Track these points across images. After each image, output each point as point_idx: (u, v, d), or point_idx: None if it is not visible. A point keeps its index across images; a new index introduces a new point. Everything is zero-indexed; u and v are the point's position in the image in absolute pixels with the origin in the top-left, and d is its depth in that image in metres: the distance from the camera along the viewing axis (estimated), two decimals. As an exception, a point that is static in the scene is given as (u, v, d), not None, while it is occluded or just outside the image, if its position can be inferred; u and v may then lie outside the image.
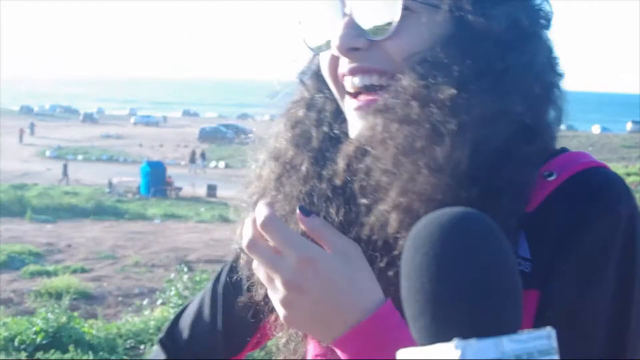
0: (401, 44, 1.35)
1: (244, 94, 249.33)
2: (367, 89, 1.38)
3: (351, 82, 1.38)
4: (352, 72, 1.38)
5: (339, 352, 1.29)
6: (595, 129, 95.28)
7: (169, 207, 35.93)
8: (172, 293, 13.43)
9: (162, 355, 1.80)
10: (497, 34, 1.31)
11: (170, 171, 45.55)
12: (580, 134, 75.38)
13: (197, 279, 13.79)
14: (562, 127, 1.44)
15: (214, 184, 43.86)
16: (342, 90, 1.42)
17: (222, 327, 1.73)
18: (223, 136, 76.32)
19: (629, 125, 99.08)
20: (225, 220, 31.94)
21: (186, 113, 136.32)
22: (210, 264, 20.43)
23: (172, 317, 1.84)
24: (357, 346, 1.27)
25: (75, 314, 12.14)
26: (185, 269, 15.93)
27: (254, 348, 1.76)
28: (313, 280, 1.28)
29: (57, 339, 10.16)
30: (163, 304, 14.21)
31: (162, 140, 74.44)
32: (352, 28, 1.36)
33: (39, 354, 9.91)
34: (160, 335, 1.83)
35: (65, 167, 46.83)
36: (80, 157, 64.00)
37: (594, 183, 1.33)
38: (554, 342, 0.76)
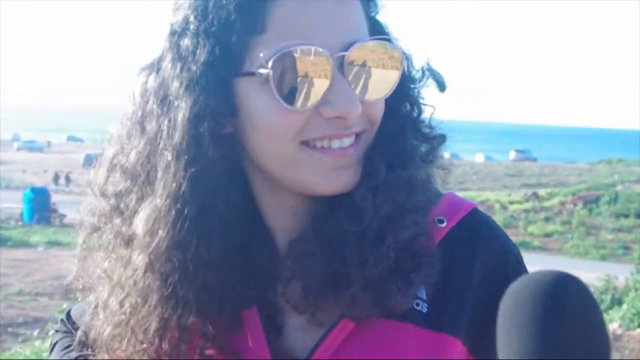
0: (382, 105, 1.38)
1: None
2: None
3: (338, 143, 1.33)
4: (346, 136, 1.34)
5: None
6: (479, 158, 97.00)
7: (53, 235, 35.10)
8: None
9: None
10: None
11: (55, 198, 44.64)
12: (464, 162, 76.66)
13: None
14: (446, 155, 1.53)
15: (100, 210, 42.47)
16: (298, 150, 1.33)
17: None
18: (109, 162, 74.31)
19: (512, 154, 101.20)
20: (111, 247, 31.37)
21: (71, 139, 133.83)
22: (96, 292, 20.03)
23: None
24: None
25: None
26: (80, 298, 15.58)
27: None
28: None
29: (-54, 372, 9.84)
30: (56, 333, 13.82)
31: (46, 166, 72.78)
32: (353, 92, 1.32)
33: None
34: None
35: None
36: (-39, 183, 62.18)
37: (483, 226, 1.46)
38: None
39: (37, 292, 20.84)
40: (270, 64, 1.27)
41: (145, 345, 1.40)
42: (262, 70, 1.29)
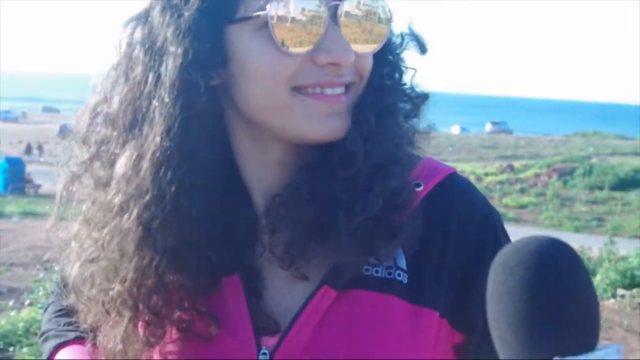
0: (371, 59, 1.39)
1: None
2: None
3: (331, 91, 1.34)
4: (338, 85, 1.35)
5: None
6: (455, 130, 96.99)
7: (28, 205, 34.79)
8: (41, 293, 12.98)
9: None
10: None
11: (30, 168, 44.34)
12: (440, 134, 76.40)
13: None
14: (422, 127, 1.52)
15: (75, 181, 42.06)
16: (290, 96, 1.33)
17: None
18: (84, 133, 73.89)
19: (488, 126, 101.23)
20: (86, 218, 31.18)
21: (47, 109, 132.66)
22: (72, 263, 19.92)
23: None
24: None
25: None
26: (56, 268, 15.51)
27: None
28: None
29: None
30: (31, 304, 13.78)
31: (21, 137, 72.25)
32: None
33: None
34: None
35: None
36: None
37: (461, 190, 1.46)
38: (622, 356, 0.82)
39: (11, 263, 20.70)
40: (267, 6, 1.28)
41: (114, 287, 1.40)
42: (259, 13, 1.30)
